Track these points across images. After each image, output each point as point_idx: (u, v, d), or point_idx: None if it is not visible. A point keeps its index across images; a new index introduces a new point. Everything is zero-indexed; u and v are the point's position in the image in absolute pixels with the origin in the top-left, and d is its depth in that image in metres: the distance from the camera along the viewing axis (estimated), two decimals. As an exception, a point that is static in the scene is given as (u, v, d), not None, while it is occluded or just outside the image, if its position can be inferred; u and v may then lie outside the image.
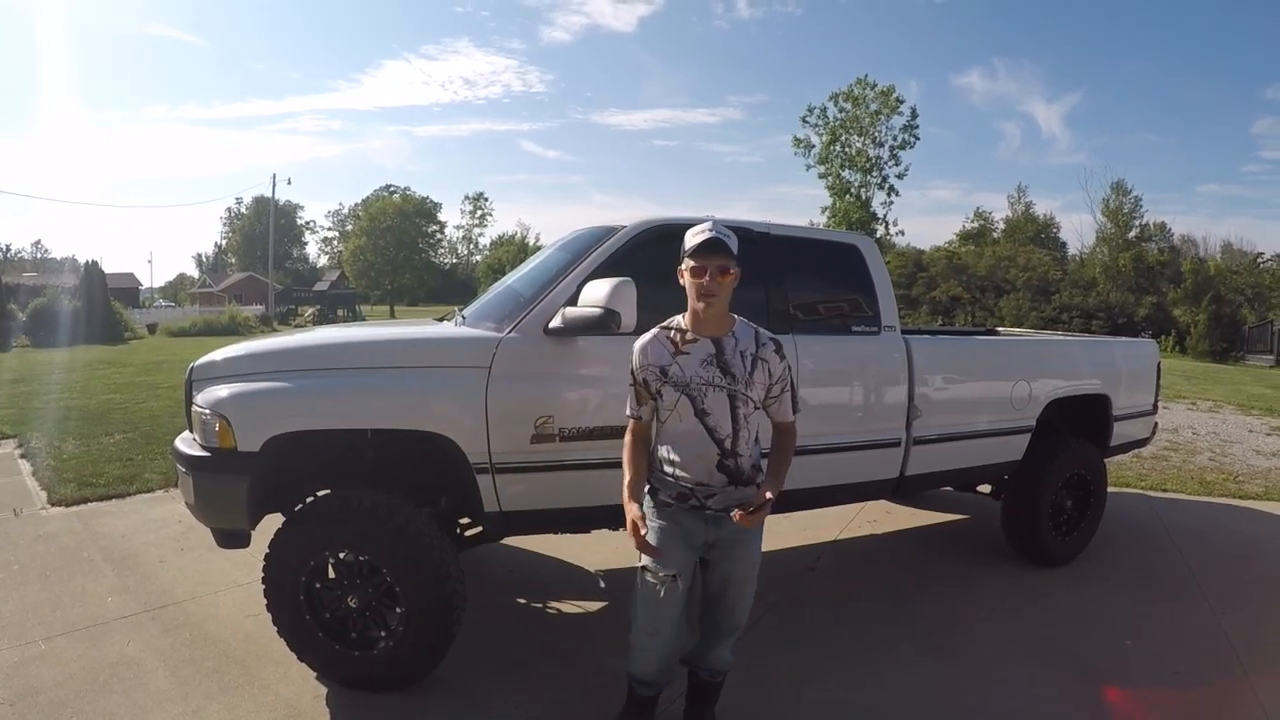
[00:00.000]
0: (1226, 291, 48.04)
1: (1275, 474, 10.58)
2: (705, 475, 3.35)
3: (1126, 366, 7.06)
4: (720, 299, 3.31)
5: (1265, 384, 25.23)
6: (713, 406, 3.32)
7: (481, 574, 5.55)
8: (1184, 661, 4.91)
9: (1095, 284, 50.79)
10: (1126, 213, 59.50)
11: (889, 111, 52.27)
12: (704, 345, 3.36)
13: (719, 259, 3.26)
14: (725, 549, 3.45)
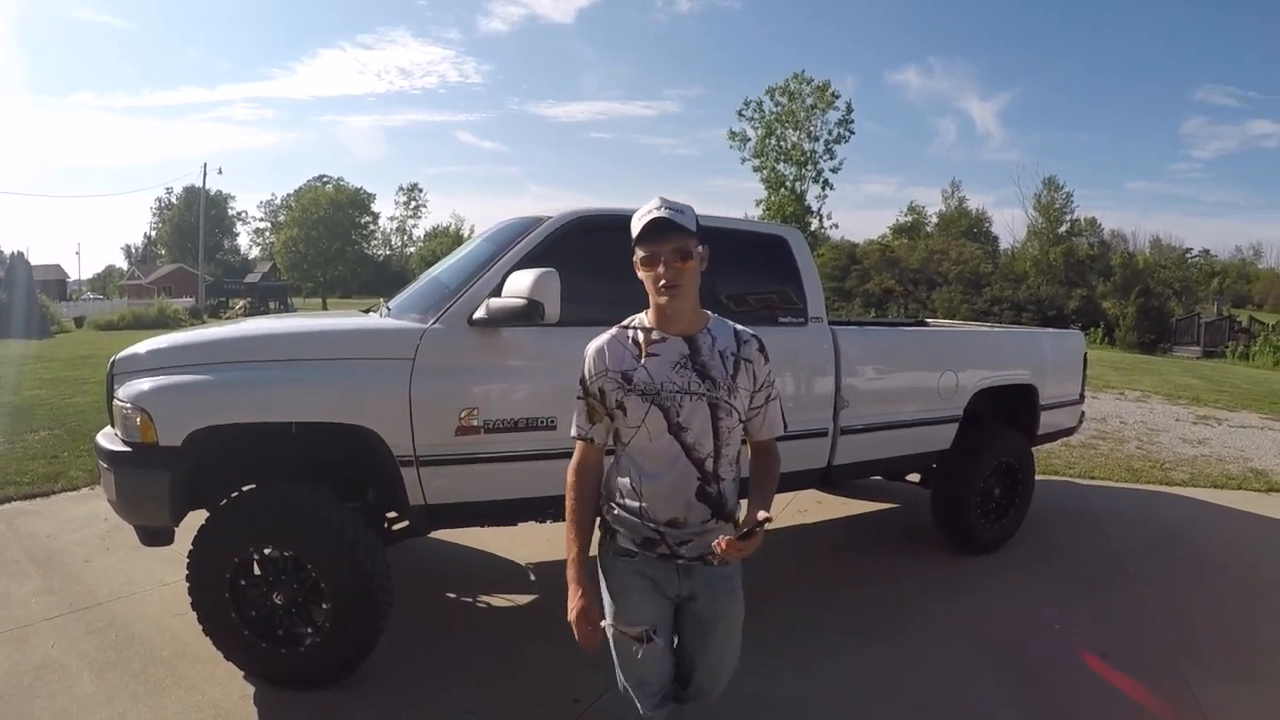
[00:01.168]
0: (1155, 285, 49.19)
1: (1201, 461, 10.81)
2: (681, 508, 2.64)
3: (1053, 357, 7.16)
4: (685, 289, 2.57)
5: (1192, 375, 25.75)
6: (690, 418, 2.61)
7: (411, 568, 5.47)
8: (1113, 644, 4.98)
9: (1026, 277, 51.70)
10: (1058, 208, 60.55)
11: (824, 106, 52.78)
12: (675, 345, 2.64)
13: (673, 241, 2.53)
14: (706, 602, 2.78)
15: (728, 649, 2.91)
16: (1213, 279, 64.17)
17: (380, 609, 4.02)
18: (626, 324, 2.75)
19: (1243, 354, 37.58)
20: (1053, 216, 60.21)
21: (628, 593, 2.73)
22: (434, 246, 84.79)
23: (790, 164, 53.56)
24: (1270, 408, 17.43)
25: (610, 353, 2.68)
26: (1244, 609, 5.70)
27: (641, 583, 2.72)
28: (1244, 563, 6.69)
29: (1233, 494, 9.16)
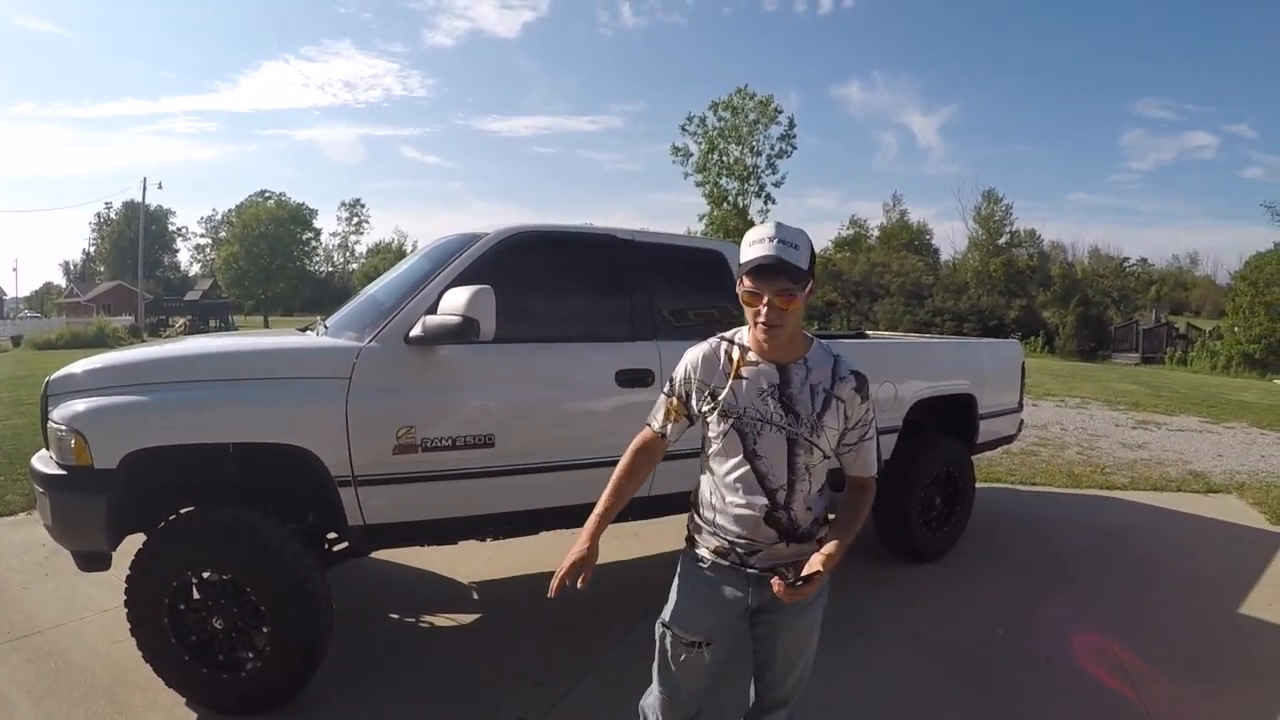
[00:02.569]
0: (1094, 294, 50.00)
1: (1140, 465, 11.00)
2: (750, 528, 2.65)
3: (992, 367, 7.23)
4: (786, 328, 2.55)
5: (1131, 381, 26.21)
6: (767, 448, 2.61)
7: (353, 589, 5.42)
8: (1056, 648, 5.04)
9: (967, 288, 52.32)
10: (997, 220, 61.41)
11: (767, 121, 53.47)
12: (766, 372, 2.63)
13: (780, 283, 2.47)
14: (773, 615, 2.73)
15: (790, 666, 2.88)
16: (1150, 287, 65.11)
17: (321, 631, 3.95)
18: (729, 335, 2.78)
19: (1181, 359, 38.42)
20: (993, 228, 61.01)
21: (694, 599, 2.78)
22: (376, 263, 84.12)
23: (733, 178, 54.17)
24: (1208, 411, 17.78)
25: (705, 365, 2.73)
26: (1186, 608, 5.81)
27: (710, 594, 2.74)
28: (1185, 563, 6.82)
29: (1173, 496, 9.35)
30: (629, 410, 4.70)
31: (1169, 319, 48.82)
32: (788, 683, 2.91)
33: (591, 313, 4.96)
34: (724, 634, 2.78)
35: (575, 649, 4.78)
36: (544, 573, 5.79)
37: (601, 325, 4.89)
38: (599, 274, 4.99)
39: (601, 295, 4.99)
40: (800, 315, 2.60)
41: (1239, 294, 39.89)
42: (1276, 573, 6.68)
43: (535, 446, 4.47)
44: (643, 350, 4.80)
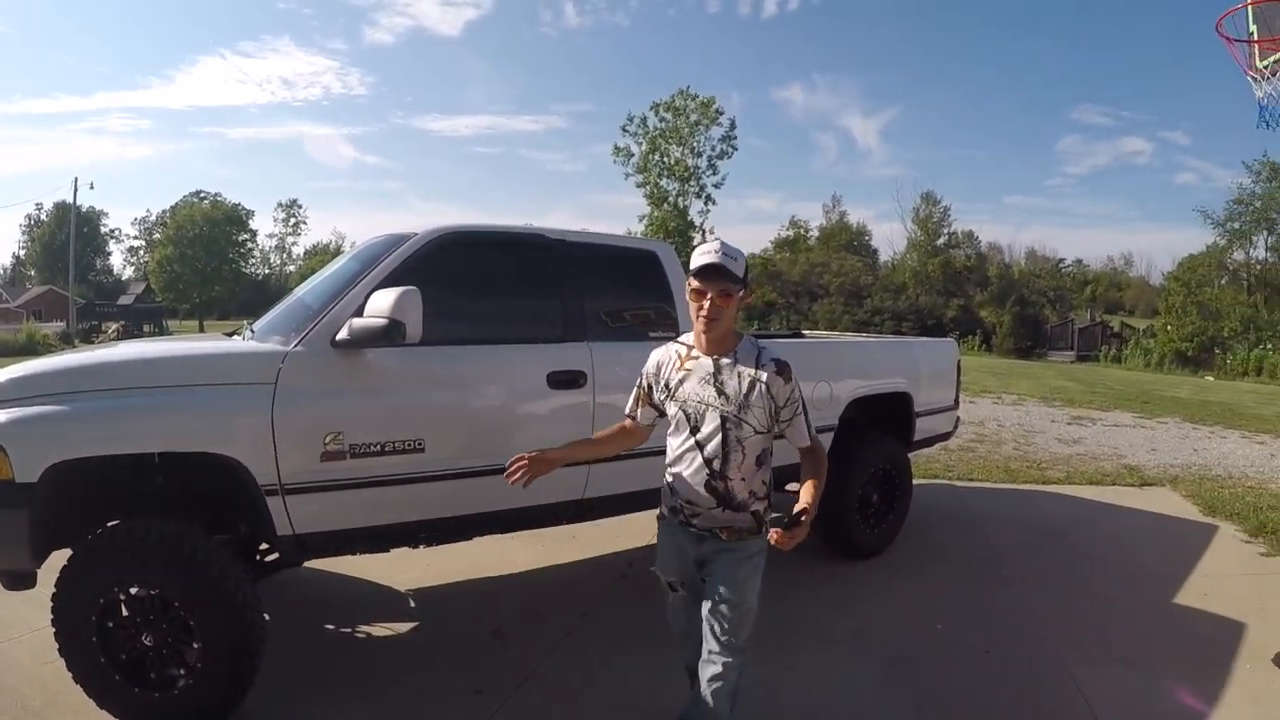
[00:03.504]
0: (1030, 294, 50.83)
1: (1076, 460, 11.15)
2: (693, 494, 3.29)
3: (927, 365, 7.28)
4: (721, 322, 3.22)
5: (1067, 378, 26.63)
6: (706, 426, 3.25)
7: (288, 600, 5.34)
8: (995, 642, 5.09)
9: (905, 288, 52.87)
10: (935, 221, 62.01)
11: (708, 122, 53.69)
12: (704, 363, 3.30)
13: (721, 283, 3.16)
14: (710, 567, 3.34)
15: (726, 613, 3.27)
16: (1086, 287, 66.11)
17: (253, 645, 3.83)
18: (680, 340, 3.50)
19: (1115, 357, 39.15)
20: (931, 229, 61.61)
21: (664, 548, 3.54)
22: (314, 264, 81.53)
23: (673, 179, 54.23)
24: (1142, 407, 18.08)
25: (662, 363, 3.45)
26: (1122, 599, 5.88)
27: (671, 543, 3.49)
28: (1121, 555, 6.92)
29: (1108, 489, 9.50)
30: (561, 412, 4.68)
31: (1103, 318, 49.73)
32: (721, 628, 3.29)
33: (522, 314, 4.90)
34: (688, 578, 3.46)
35: (515, 654, 4.72)
36: (483, 578, 5.82)
37: (532, 326, 4.83)
38: (529, 274, 4.94)
39: (532, 296, 4.93)
40: (734, 315, 3.27)
41: (1172, 294, 40.79)
42: (1210, 562, 6.80)
43: (467, 450, 4.38)
44: (574, 351, 4.76)
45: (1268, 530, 7.62)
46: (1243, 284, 42.95)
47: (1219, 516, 8.29)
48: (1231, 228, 43.33)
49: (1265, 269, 42.88)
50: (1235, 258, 44.12)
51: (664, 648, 4.61)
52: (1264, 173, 41.59)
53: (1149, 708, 4.35)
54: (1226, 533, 7.73)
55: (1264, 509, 8.41)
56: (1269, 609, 5.63)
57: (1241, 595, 5.97)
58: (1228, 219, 43.24)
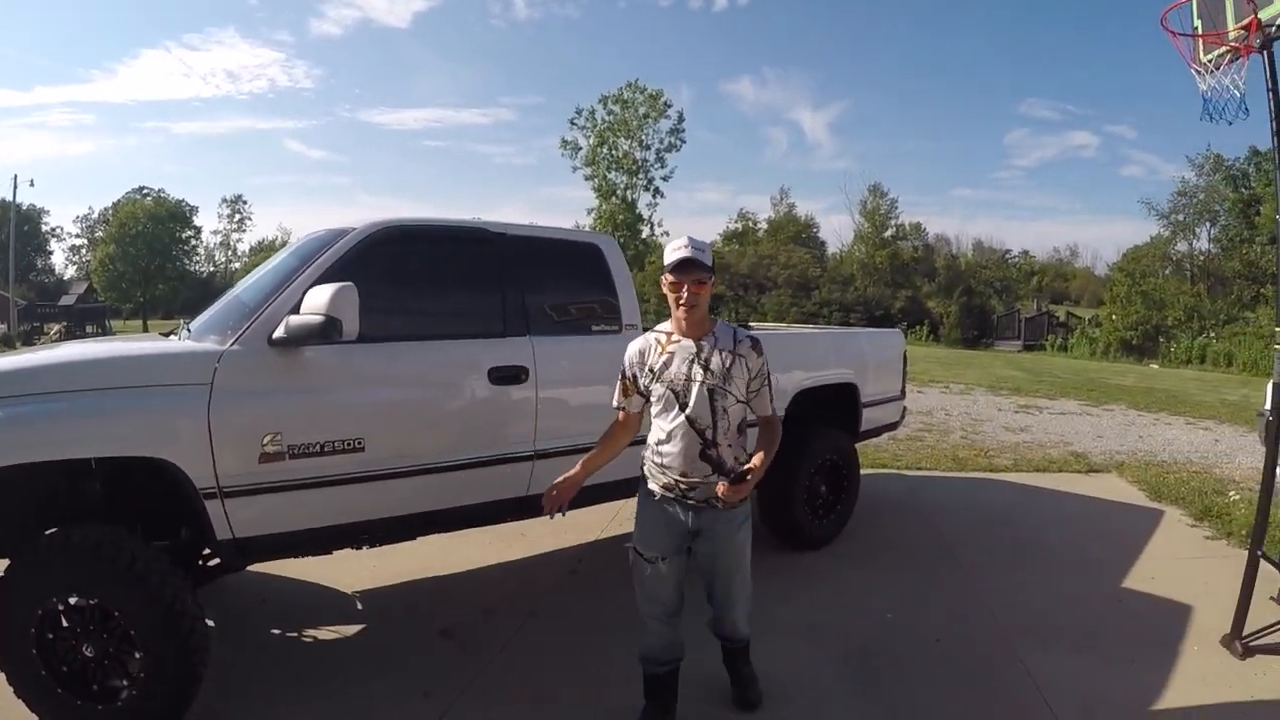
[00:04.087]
0: (977, 285, 51.41)
1: (1024, 447, 11.28)
2: (689, 465, 3.62)
3: (873, 356, 7.31)
4: (698, 308, 3.65)
5: (1014, 367, 26.95)
6: (694, 400, 3.61)
7: (233, 605, 5.25)
8: (946, 630, 5.11)
9: (853, 280, 53.20)
10: (883, 214, 62.34)
11: (657, 115, 53.67)
12: (686, 345, 3.69)
13: (695, 273, 3.61)
14: (709, 536, 3.73)
15: (733, 575, 3.88)
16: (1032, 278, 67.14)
17: (196, 653, 3.72)
18: (657, 329, 3.85)
19: (1061, 346, 39.75)
20: (879, 222, 61.94)
21: (650, 524, 3.80)
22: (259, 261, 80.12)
23: (622, 172, 54.18)
24: (1088, 395, 18.33)
25: (642, 351, 3.78)
26: (1071, 585, 5.93)
27: (660, 518, 3.76)
28: (1068, 541, 7.00)
29: (1055, 476, 9.61)
30: (503, 408, 4.62)
31: (1049, 308, 50.52)
32: (733, 589, 3.91)
33: (463, 309, 4.83)
34: (673, 551, 3.76)
35: (464, 655, 4.66)
36: (430, 577, 5.75)
37: (474, 321, 4.76)
38: (470, 269, 4.87)
39: (473, 291, 4.86)
40: (707, 300, 3.70)
41: (1117, 284, 41.42)
42: (1157, 546, 6.91)
43: (408, 449, 4.31)
44: (516, 346, 4.70)
45: (1213, 514, 7.75)
46: (1186, 274, 43.82)
47: (1165, 501, 8.41)
48: (1175, 220, 44.44)
49: (1207, 260, 43.79)
50: (1179, 249, 45.23)
51: (616, 644, 4.62)
52: (1207, 166, 42.55)
53: (1099, 693, 4.37)
54: (1173, 517, 7.85)
55: (1209, 493, 8.56)
56: (1215, 591, 5.68)
57: (1188, 578, 6.05)
58: (1171, 211, 44.48)
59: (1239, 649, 4.80)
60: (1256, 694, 4.39)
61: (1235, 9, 4.76)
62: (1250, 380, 25.94)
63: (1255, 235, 39.24)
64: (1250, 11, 4.61)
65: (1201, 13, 5.02)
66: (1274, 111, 4.79)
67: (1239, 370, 30.00)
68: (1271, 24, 4.58)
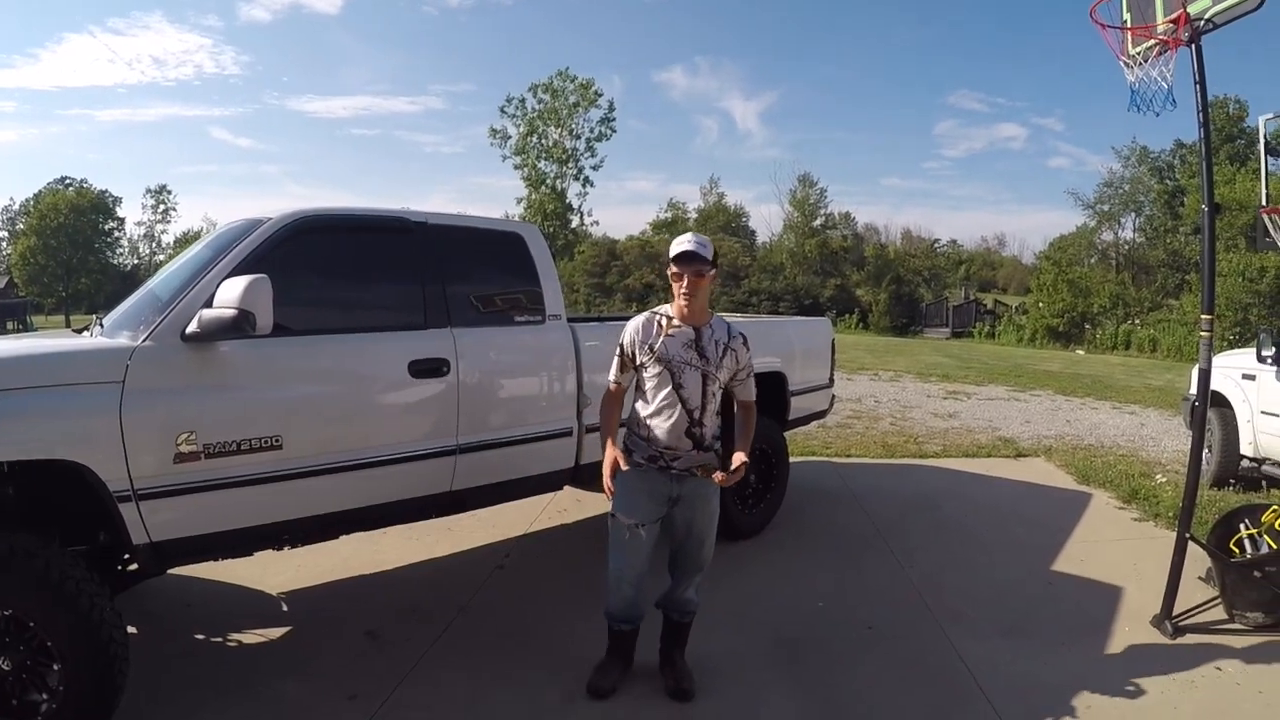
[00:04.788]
0: (905, 273, 51.90)
1: (952, 434, 11.42)
2: (675, 440, 4.00)
3: (801, 344, 7.34)
4: (699, 297, 4.02)
5: (942, 354, 27.28)
6: (687, 382, 4.00)
7: (156, 610, 5.11)
8: (877, 616, 5.14)
9: (783, 268, 53.42)
10: (813, 203, 62.58)
11: (587, 104, 54.11)
12: (686, 332, 4.04)
13: (696, 265, 3.95)
14: (688, 502, 4.09)
15: (703, 540, 4.21)
16: (960, 266, 67.85)
17: (116, 663, 3.59)
18: (657, 310, 4.17)
19: (989, 333, 40.34)
20: (808, 211, 62.25)
21: (631, 494, 4.09)
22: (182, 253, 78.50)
23: (551, 161, 54.53)
24: (1015, 381, 18.62)
25: (644, 329, 4.09)
26: (1002, 569, 6.01)
27: (641, 487, 4.07)
28: (999, 525, 7.11)
29: (984, 461, 9.77)
30: (424, 402, 4.54)
31: (977, 296, 51.15)
32: (704, 550, 4.23)
33: (383, 300, 4.74)
34: (652, 518, 4.10)
35: (389, 655, 4.58)
36: (356, 577, 5.66)
37: (393, 313, 4.66)
38: (391, 259, 4.77)
39: (393, 281, 4.77)
40: (707, 291, 4.08)
41: (1044, 272, 42.07)
42: (1086, 529, 7.05)
43: (327, 446, 4.20)
44: (437, 339, 4.61)
45: (1140, 496, 7.92)
46: (1111, 263, 44.80)
47: (1093, 485, 8.57)
48: (1101, 210, 45.39)
49: (1132, 249, 44.83)
50: (1104, 238, 46.27)
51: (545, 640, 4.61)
52: (1133, 158, 43.56)
53: (1033, 676, 4.41)
54: (1100, 500, 8.01)
55: (1135, 476, 8.75)
56: (1144, 572, 5.81)
57: (1117, 560, 6.17)
58: (1097, 201, 45.55)
59: (1170, 629, 4.91)
60: (1188, 673, 4.47)
61: (1164, 3, 4.84)
62: (1174, 365, 26.52)
63: (1179, 225, 40.34)
64: (1179, 5, 4.69)
65: (1131, 6, 5.09)
66: (1201, 104, 4.89)
67: (1163, 356, 30.64)
68: (1200, 18, 4.67)
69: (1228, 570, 5.12)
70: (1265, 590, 4.91)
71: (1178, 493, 7.63)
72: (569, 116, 54.24)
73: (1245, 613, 5.04)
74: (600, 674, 4.26)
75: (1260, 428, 8.04)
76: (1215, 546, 5.22)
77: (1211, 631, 4.97)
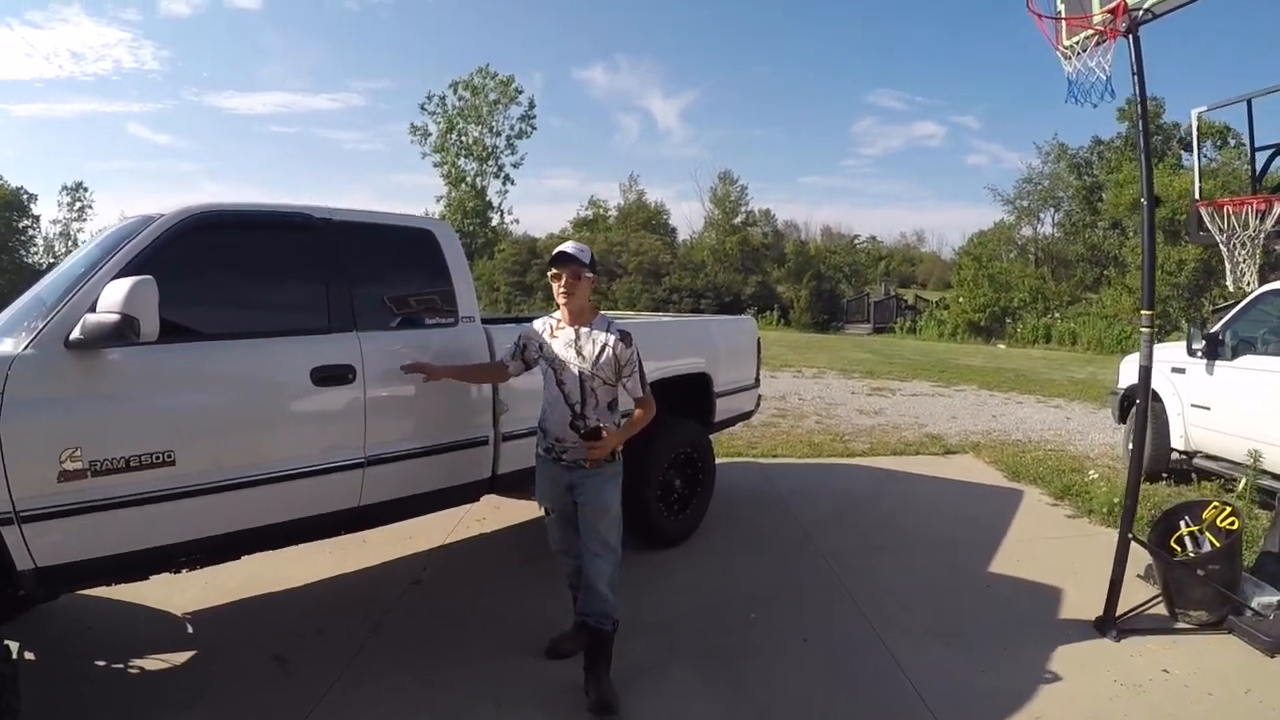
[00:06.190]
0: (826, 269, 52.40)
1: (879, 431, 11.42)
2: (562, 431, 4.28)
3: (725, 344, 7.22)
4: (576, 298, 4.25)
5: (864, 349, 27.49)
6: (567, 379, 4.27)
7: (54, 633, 4.87)
8: (811, 627, 5.02)
9: (704, 266, 53.51)
10: (733, 201, 62.76)
11: (507, 101, 54.58)
12: (568, 332, 4.31)
13: (571, 267, 4.19)
14: (580, 489, 4.30)
15: (598, 522, 4.33)
16: (880, 262, 68.62)
17: (2, 695, 3.37)
18: (553, 315, 4.44)
19: (910, 328, 40.78)
20: (728, 208, 62.42)
21: (540, 481, 4.49)
22: None
23: (472, 159, 54.86)
24: (939, 376, 18.77)
25: (538, 329, 4.43)
26: (936, 571, 5.96)
27: (544, 476, 4.46)
28: (930, 525, 7.07)
29: (913, 459, 9.78)
30: (328, 413, 4.30)
31: (898, 291, 51.57)
32: (595, 535, 4.33)
33: (283, 302, 4.45)
34: (559, 504, 4.44)
35: (298, 682, 4.34)
36: (265, 594, 5.40)
37: (294, 317, 4.39)
38: (293, 258, 4.49)
39: (295, 282, 4.48)
40: (585, 293, 4.32)
41: (964, 267, 42.68)
42: (1020, 528, 7.05)
43: (224, 461, 3.92)
44: (342, 344, 4.35)
45: (1072, 492, 7.95)
46: (1030, 258, 45.57)
47: (1024, 481, 8.61)
48: (1020, 205, 46.21)
49: (1051, 243, 45.61)
50: (1024, 233, 47.05)
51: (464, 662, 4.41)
52: (1053, 154, 44.34)
53: (974, 685, 4.34)
54: (1032, 497, 8.03)
55: (1066, 471, 8.80)
56: (1082, 571, 5.79)
57: (1053, 559, 6.16)
58: (1017, 197, 46.31)
59: (1112, 631, 4.86)
60: (1136, 677, 4.43)
61: (1102, -6, 4.77)
62: (1095, 358, 27.03)
63: (1097, 220, 41.03)
64: (1117, -6, 4.63)
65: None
66: (1140, 95, 4.88)
67: (1083, 349, 31.16)
68: (1138, 8, 4.63)
69: (1170, 569, 5.11)
70: (1209, 589, 4.92)
71: (1111, 488, 7.68)
72: (489, 114, 54.40)
73: (1189, 611, 5.04)
74: (562, 638, 4.70)
75: (1191, 420, 8.10)
76: (1155, 544, 5.21)
77: (1155, 632, 4.95)
